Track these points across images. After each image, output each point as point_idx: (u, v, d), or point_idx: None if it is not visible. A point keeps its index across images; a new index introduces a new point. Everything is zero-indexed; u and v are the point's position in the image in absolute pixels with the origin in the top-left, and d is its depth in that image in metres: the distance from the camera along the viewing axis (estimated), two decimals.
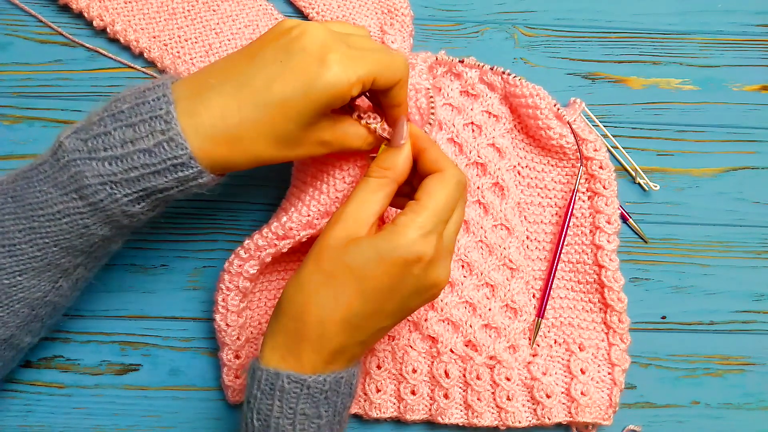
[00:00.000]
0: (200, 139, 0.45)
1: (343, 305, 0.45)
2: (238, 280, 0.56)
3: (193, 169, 0.46)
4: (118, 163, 0.45)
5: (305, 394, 0.46)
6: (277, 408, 0.46)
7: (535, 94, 0.59)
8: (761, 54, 0.67)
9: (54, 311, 0.52)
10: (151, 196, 0.47)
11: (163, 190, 0.46)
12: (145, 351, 0.62)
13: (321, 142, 0.49)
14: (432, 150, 0.49)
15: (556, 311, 0.61)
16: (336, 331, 0.46)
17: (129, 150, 0.45)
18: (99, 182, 0.45)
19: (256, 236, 0.56)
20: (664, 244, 0.64)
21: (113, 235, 0.49)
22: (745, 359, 0.63)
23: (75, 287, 0.52)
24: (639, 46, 0.67)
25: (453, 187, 0.47)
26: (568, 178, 0.61)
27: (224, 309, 0.57)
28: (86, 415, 0.61)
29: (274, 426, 0.46)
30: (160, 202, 0.48)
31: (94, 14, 0.63)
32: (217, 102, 0.45)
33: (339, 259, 0.45)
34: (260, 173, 0.64)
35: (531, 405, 0.59)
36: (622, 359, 0.60)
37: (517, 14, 0.67)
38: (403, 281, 0.46)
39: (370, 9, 0.65)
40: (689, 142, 0.66)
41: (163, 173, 0.45)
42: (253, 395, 0.46)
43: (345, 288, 0.45)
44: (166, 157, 0.45)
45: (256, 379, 0.46)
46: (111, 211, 0.46)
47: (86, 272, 0.51)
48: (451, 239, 0.48)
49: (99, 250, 0.50)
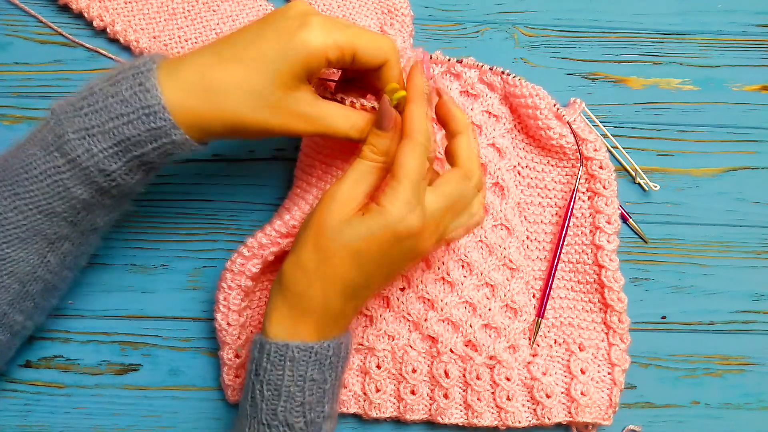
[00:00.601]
0: (175, 91, 0.47)
1: (341, 278, 0.48)
2: (240, 278, 0.57)
3: (165, 121, 0.46)
4: (97, 116, 0.46)
5: (313, 360, 0.49)
6: (288, 377, 0.48)
7: (535, 94, 0.59)
8: (761, 54, 0.67)
9: (45, 290, 0.52)
10: (127, 153, 0.47)
11: (137, 144, 0.47)
12: (145, 351, 0.62)
13: (302, 115, 0.49)
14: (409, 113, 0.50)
15: (556, 311, 0.61)
16: (336, 300, 0.49)
17: (108, 102, 0.46)
18: (78, 137, 0.46)
19: (259, 234, 0.56)
20: (664, 244, 0.64)
21: (94, 203, 0.49)
22: (745, 359, 0.63)
23: (63, 264, 0.52)
24: (639, 46, 0.67)
25: (421, 152, 0.48)
26: (568, 178, 0.61)
27: (225, 308, 0.58)
28: (86, 415, 0.61)
29: (285, 394, 0.48)
30: (138, 166, 0.48)
31: (94, 14, 0.63)
32: (198, 60, 0.48)
33: (336, 240, 0.48)
34: (260, 173, 0.64)
35: (531, 405, 0.59)
36: (622, 359, 0.60)
37: (517, 14, 0.67)
38: (394, 252, 0.48)
39: (370, 9, 0.65)
40: (689, 142, 0.66)
41: (135, 123, 0.46)
42: (263, 368, 0.49)
43: (343, 263, 0.48)
44: (140, 106, 0.46)
45: (266, 352, 0.49)
46: (89, 169, 0.47)
47: (73, 248, 0.51)
48: (437, 211, 0.50)
49: (83, 222, 0.50)
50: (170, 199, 0.63)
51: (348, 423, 0.61)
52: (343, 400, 0.59)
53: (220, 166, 0.64)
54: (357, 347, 0.60)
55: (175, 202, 0.63)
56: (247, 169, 0.64)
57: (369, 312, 0.59)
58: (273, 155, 0.64)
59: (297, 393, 0.49)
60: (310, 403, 0.49)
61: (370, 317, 0.60)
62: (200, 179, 0.64)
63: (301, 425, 0.49)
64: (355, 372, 0.60)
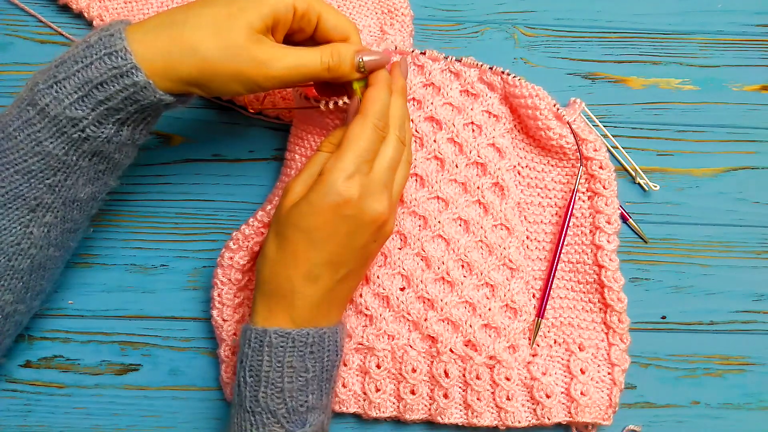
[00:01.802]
0: (141, 35, 0.48)
1: (301, 259, 0.50)
2: (230, 272, 0.58)
3: (126, 60, 0.46)
4: (65, 66, 0.48)
5: (291, 347, 0.50)
6: (266, 362, 0.50)
7: (535, 94, 0.59)
8: (761, 54, 0.67)
9: (33, 269, 0.52)
10: (92, 98, 0.47)
11: (101, 86, 0.47)
12: (145, 351, 0.62)
13: (270, 59, 0.49)
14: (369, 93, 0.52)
15: (556, 311, 0.61)
16: (302, 284, 0.50)
17: (76, 51, 0.48)
18: (46, 86, 0.47)
19: (243, 227, 0.58)
20: (664, 244, 0.64)
21: (70, 164, 0.49)
22: (745, 359, 0.63)
23: (48, 239, 0.51)
24: (639, 46, 0.67)
25: (370, 128, 0.50)
26: (568, 178, 0.61)
27: (220, 304, 0.58)
28: (86, 415, 0.61)
29: (265, 379, 0.50)
30: (107, 116, 0.48)
31: (94, 14, 0.63)
32: (167, 13, 0.49)
33: (287, 222, 0.50)
34: (260, 173, 0.64)
35: (531, 405, 0.59)
36: (621, 359, 0.60)
37: (517, 14, 0.67)
38: (340, 224, 0.50)
39: (370, 9, 0.65)
40: (689, 142, 0.66)
41: (98, 64, 0.47)
42: (245, 353, 0.51)
43: (298, 244, 0.50)
44: (103, 47, 0.47)
45: (247, 338, 0.51)
46: (57, 118, 0.47)
47: (56, 221, 0.51)
48: (383, 173, 0.51)
49: (62, 189, 0.50)
50: (170, 199, 0.63)
51: (348, 423, 0.61)
52: (343, 399, 0.59)
53: (220, 166, 0.64)
54: (357, 347, 0.60)
55: (175, 202, 0.63)
56: (247, 169, 0.64)
57: (369, 312, 0.60)
58: (273, 155, 0.64)
59: (276, 379, 0.50)
60: (290, 391, 0.50)
61: (370, 317, 0.60)
62: (200, 179, 0.64)
63: (283, 412, 0.50)
64: (354, 372, 0.60)
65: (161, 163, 0.64)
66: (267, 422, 0.50)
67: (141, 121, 0.50)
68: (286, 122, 0.64)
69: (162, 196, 0.63)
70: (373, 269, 0.60)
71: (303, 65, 0.50)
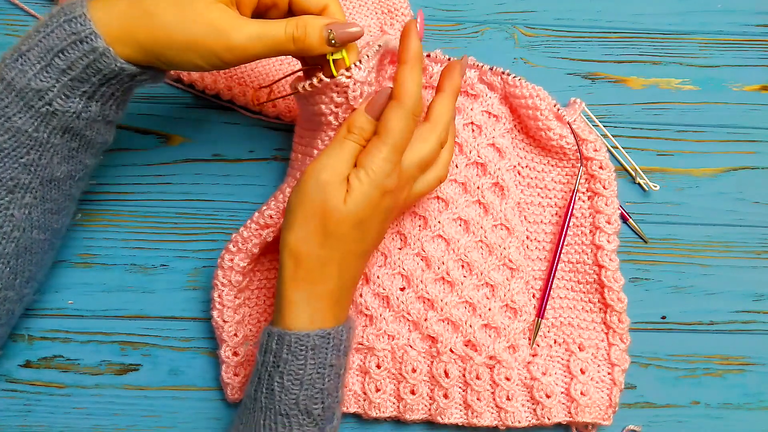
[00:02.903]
0: (103, 2, 0.47)
1: (351, 251, 0.50)
2: (230, 274, 0.57)
3: (85, 26, 0.46)
4: (30, 39, 0.47)
5: (331, 346, 0.50)
6: (310, 365, 0.49)
7: (535, 94, 0.59)
8: (761, 54, 0.67)
9: (18, 254, 0.51)
10: (54, 68, 0.47)
11: (62, 54, 0.46)
12: (145, 351, 0.62)
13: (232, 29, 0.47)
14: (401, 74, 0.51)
15: (556, 311, 0.61)
16: (348, 276, 0.51)
17: (41, 22, 0.47)
18: (12, 59, 0.47)
19: (242, 229, 0.57)
20: (664, 244, 0.64)
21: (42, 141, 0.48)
22: (745, 359, 0.63)
23: (30, 221, 0.51)
24: (639, 46, 0.67)
25: (407, 118, 0.50)
26: (568, 178, 0.61)
27: (220, 305, 0.58)
28: (86, 415, 0.61)
29: (308, 382, 0.49)
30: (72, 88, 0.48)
31: None
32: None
33: (345, 222, 0.49)
34: (260, 173, 0.64)
35: (531, 405, 0.59)
36: (621, 359, 0.60)
37: (517, 14, 0.67)
38: (382, 211, 0.50)
39: (370, 9, 0.65)
40: (689, 142, 0.66)
41: (57, 32, 0.46)
42: (283, 359, 0.49)
43: (351, 237, 0.50)
44: (64, 14, 0.47)
45: (286, 343, 0.49)
46: (23, 91, 0.47)
47: (36, 202, 0.51)
48: (414, 171, 0.52)
49: (38, 169, 0.49)
50: (170, 199, 0.63)
51: (348, 423, 0.61)
52: (343, 399, 0.59)
53: (220, 166, 0.64)
54: (357, 347, 0.60)
55: (175, 202, 0.63)
56: (247, 169, 0.64)
57: (369, 312, 0.60)
58: (273, 155, 0.64)
59: (317, 380, 0.50)
60: (329, 390, 0.50)
61: (370, 317, 0.60)
62: (200, 179, 0.64)
63: (319, 411, 0.50)
64: (355, 371, 0.60)
65: (161, 163, 0.64)
66: (303, 423, 0.50)
67: (110, 97, 0.49)
68: (287, 122, 0.64)
69: (162, 196, 0.63)
70: (373, 269, 0.60)
71: (266, 35, 0.48)
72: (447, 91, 0.53)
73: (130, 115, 0.64)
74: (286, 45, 0.49)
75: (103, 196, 0.63)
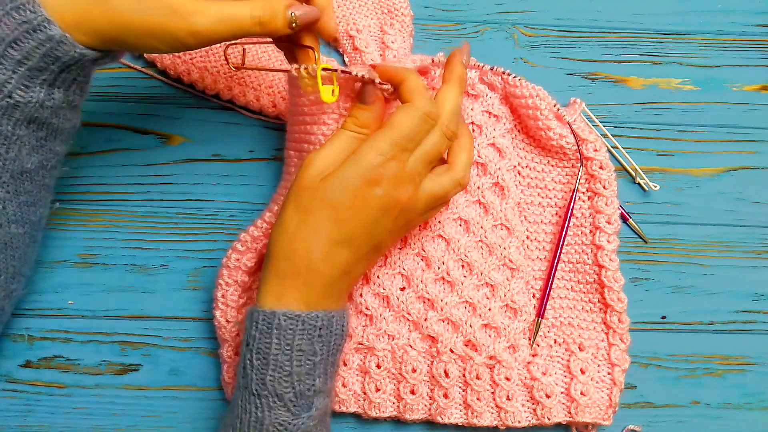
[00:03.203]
0: None
1: (323, 235, 0.49)
2: (236, 274, 0.57)
3: (36, 14, 0.44)
4: None
5: (300, 329, 0.49)
6: (275, 345, 0.49)
7: (535, 94, 0.59)
8: (761, 54, 0.67)
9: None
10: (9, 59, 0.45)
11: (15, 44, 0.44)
12: (145, 351, 0.62)
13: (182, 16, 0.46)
14: (408, 81, 0.51)
15: (556, 311, 0.61)
16: (321, 262, 0.49)
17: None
18: None
19: (251, 228, 0.57)
20: (664, 244, 0.64)
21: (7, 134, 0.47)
22: (745, 359, 0.63)
23: (6, 214, 0.50)
24: (639, 46, 0.67)
25: (417, 118, 0.50)
26: (568, 178, 0.61)
27: (224, 305, 0.58)
28: (86, 415, 0.61)
29: (273, 362, 0.49)
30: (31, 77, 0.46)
31: None
32: None
33: (314, 197, 0.49)
34: (260, 173, 0.64)
35: (531, 405, 0.59)
36: (621, 359, 0.60)
37: (517, 14, 0.67)
38: (367, 203, 0.49)
39: (370, 9, 0.65)
40: (689, 142, 0.66)
41: (6, 20, 0.44)
42: (252, 336, 0.49)
43: (323, 220, 0.49)
44: (10, 1, 0.44)
45: (254, 320, 0.49)
46: None
47: (8, 194, 0.49)
48: (417, 166, 0.51)
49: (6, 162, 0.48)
50: (170, 199, 0.63)
51: (347, 422, 0.61)
52: (343, 399, 0.59)
53: (220, 166, 0.64)
54: (357, 347, 0.60)
55: (175, 202, 0.63)
56: (247, 169, 0.64)
57: (369, 311, 0.60)
58: (273, 155, 0.64)
59: (285, 362, 0.49)
60: (298, 374, 0.49)
61: (370, 316, 0.60)
62: (200, 179, 0.64)
63: (290, 396, 0.49)
64: (354, 371, 0.60)
65: (161, 163, 0.64)
66: (273, 406, 0.49)
67: (72, 82, 0.48)
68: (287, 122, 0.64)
69: (162, 196, 0.63)
70: (373, 269, 0.60)
71: (231, 19, 0.46)
72: (450, 81, 0.53)
73: (130, 115, 0.64)
74: (252, 28, 0.48)
75: (103, 196, 0.63)
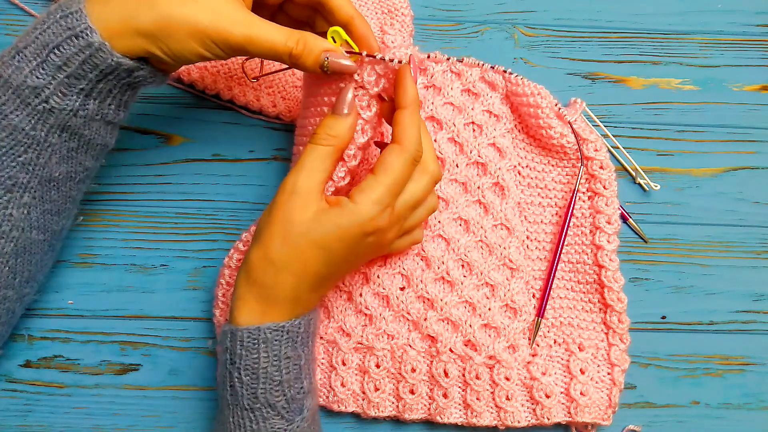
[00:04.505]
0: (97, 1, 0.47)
1: (311, 273, 0.50)
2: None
3: (80, 21, 0.46)
4: (27, 35, 0.47)
5: (285, 339, 0.50)
6: (263, 359, 0.50)
7: (537, 93, 0.59)
8: (761, 54, 0.67)
9: (17, 254, 0.51)
10: (50, 64, 0.47)
11: (57, 50, 0.46)
12: (145, 351, 0.62)
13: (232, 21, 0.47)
14: (402, 119, 0.50)
15: (556, 311, 0.61)
16: (306, 293, 0.51)
17: (39, 20, 0.48)
18: (9, 56, 0.47)
19: (252, 228, 0.57)
20: (664, 244, 0.64)
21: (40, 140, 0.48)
22: (745, 359, 0.63)
23: (29, 222, 0.51)
24: (639, 46, 0.67)
25: (408, 163, 0.50)
26: (569, 178, 0.61)
27: (224, 304, 0.58)
28: (86, 415, 0.61)
29: (263, 375, 0.50)
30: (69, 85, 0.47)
31: None
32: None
33: (305, 237, 0.49)
34: (260, 173, 0.64)
35: (530, 405, 0.59)
36: (621, 359, 0.60)
37: (517, 14, 0.67)
38: (359, 247, 0.51)
39: (370, 9, 0.65)
40: (689, 142, 0.66)
41: (54, 28, 0.46)
42: (237, 354, 0.50)
43: (312, 260, 0.49)
44: (60, 10, 0.47)
45: (238, 339, 0.50)
46: (20, 88, 0.47)
47: (35, 202, 0.50)
48: (405, 212, 0.53)
49: (36, 168, 0.49)
50: (170, 199, 0.63)
51: (347, 422, 0.61)
52: (342, 399, 0.59)
53: (220, 166, 0.64)
54: (356, 346, 0.60)
55: (175, 202, 0.63)
56: (247, 169, 0.64)
57: (369, 311, 0.60)
58: (273, 155, 0.64)
59: (274, 373, 0.50)
60: (288, 381, 0.50)
61: (370, 316, 0.60)
62: (200, 179, 0.64)
63: (283, 404, 0.50)
64: (353, 371, 0.60)
65: (161, 163, 0.64)
66: (267, 416, 0.50)
67: (107, 94, 0.49)
68: (287, 122, 0.64)
69: (162, 196, 0.63)
70: (373, 269, 0.60)
71: (265, 40, 0.48)
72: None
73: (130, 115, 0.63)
74: (281, 56, 0.49)
75: (103, 196, 0.63)
